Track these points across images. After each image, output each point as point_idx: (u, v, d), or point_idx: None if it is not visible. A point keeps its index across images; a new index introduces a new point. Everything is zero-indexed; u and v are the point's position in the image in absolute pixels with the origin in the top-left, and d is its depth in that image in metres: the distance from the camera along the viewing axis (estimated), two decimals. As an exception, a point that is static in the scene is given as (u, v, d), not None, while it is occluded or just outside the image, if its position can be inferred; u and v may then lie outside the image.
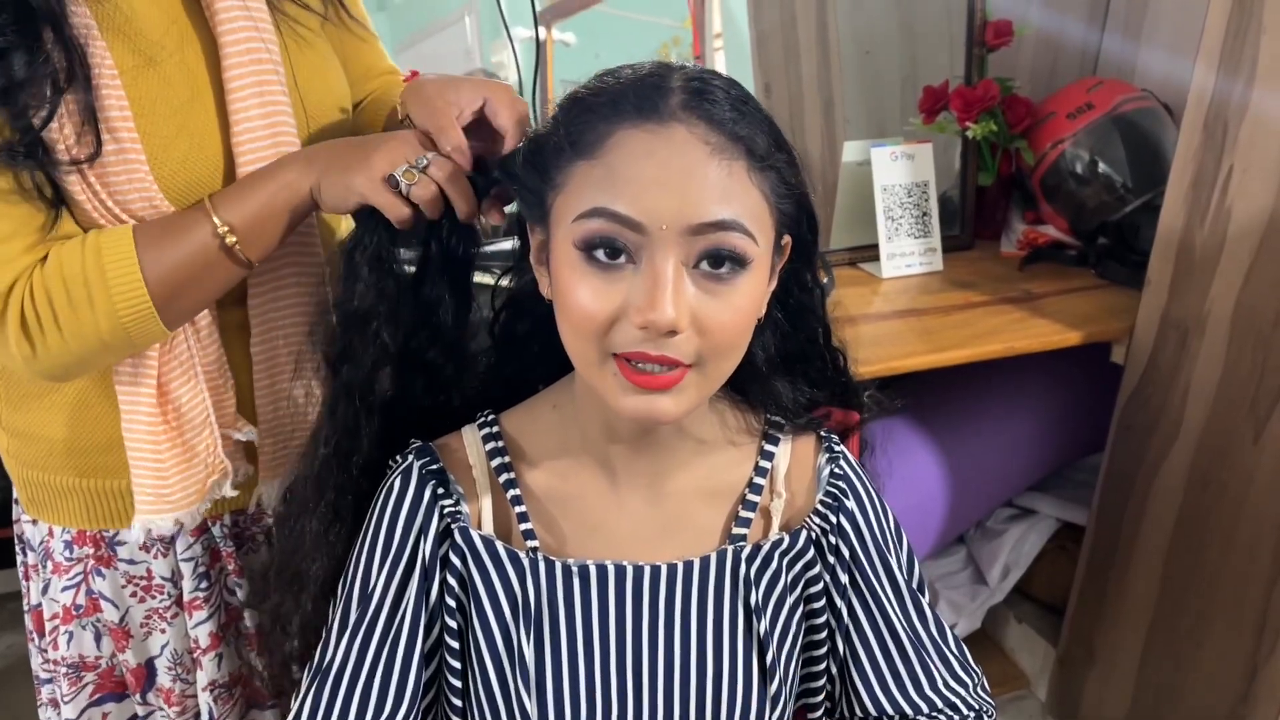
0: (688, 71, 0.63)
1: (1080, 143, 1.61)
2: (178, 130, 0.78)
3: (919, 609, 0.79)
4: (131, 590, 0.91)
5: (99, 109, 0.73)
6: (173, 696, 0.95)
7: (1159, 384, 1.37)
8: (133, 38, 0.76)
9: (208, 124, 0.80)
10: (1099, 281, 1.58)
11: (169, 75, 0.78)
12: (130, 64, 0.76)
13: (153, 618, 0.92)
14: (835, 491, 0.77)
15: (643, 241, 0.59)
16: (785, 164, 0.64)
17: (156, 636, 0.93)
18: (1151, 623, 1.45)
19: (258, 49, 0.80)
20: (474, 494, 0.74)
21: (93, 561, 0.91)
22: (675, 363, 0.61)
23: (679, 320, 0.59)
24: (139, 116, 0.75)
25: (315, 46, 0.87)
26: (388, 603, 0.71)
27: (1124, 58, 1.79)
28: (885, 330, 1.38)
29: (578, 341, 0.63)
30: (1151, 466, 1.40)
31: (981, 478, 1.63)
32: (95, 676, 0.94)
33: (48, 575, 0.93)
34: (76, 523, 0.90)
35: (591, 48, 3.12)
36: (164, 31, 0.78)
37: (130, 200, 0.76)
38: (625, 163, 0.60)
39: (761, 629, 0.73)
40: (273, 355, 0.88)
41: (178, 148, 0.78)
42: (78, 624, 0.92)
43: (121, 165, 0.75)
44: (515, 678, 0.70)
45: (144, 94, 0.76)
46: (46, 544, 0.92)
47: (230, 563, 0.93)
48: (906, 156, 1.60)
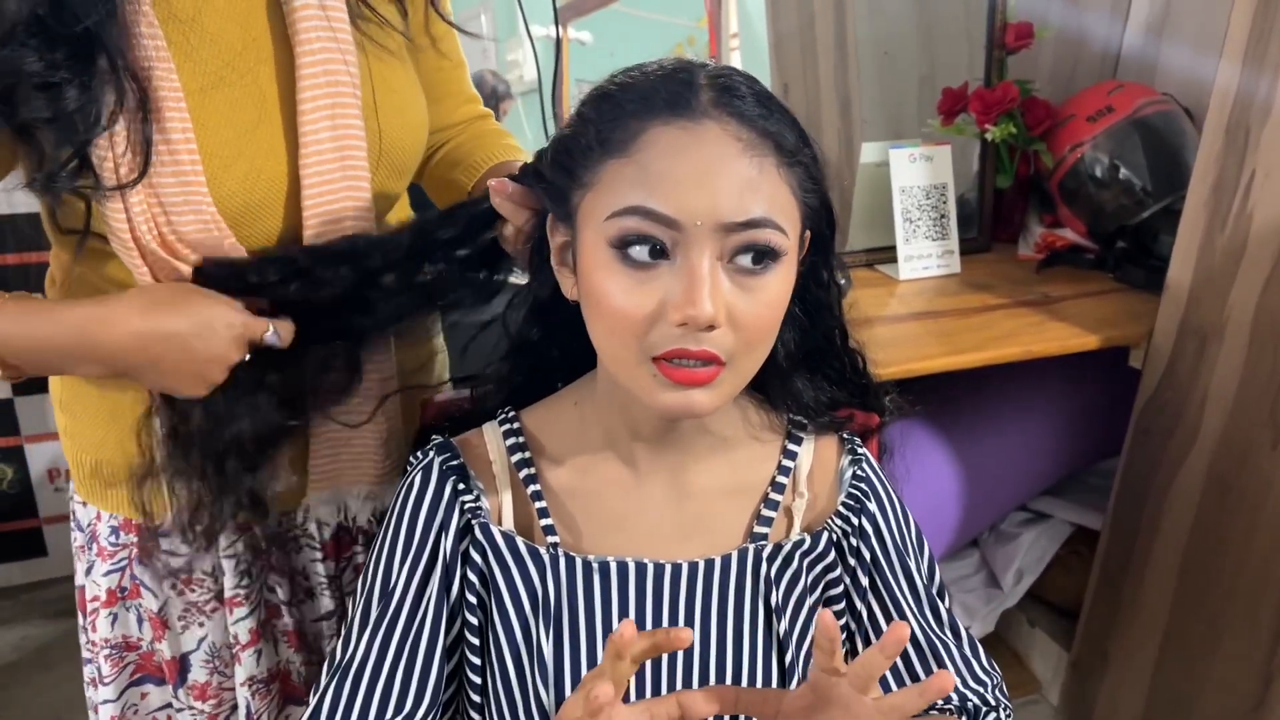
0: (711, 68, 0.63)
1: (1100, 146, 1.61)
2: (239, 153, 0.77)
3: (936, 613, 0.79)
4: (172, 582, 0.92)
5: (160, 130, 0.72)
6: (209, 690, 0.95)
7: (1177, 389, 1.36)
8: (204, 59, 0.75)
9: (273, 145, 0.79)
10: (1117, 285, 1.57)
11: (237, 97, 0.77)
12: (198, 85, 0.75)
13: (191, 611, 0.93)
14: (857, 494, 0.77)
15: (678, 238, 0.60)
16: (810, 159, 0.64)
17: (194, 630, 0.93)
18: (1166, 628, 1.45)
19: (337, 69, 0.79)
20: (494, 490, 0.74)
21: (135, 550, 0.91)
22: (714, 358, 0.61)
23: (717, 315, 0.59)
24: (202, 139, 0.74)
25: (396, 67, 0.85)
26: (409, 599, 0.71)
27: (1145, 61, 1.78)
28: (902, 332, 1.38)
29: (614, 343, 0.63)
30: (1169, 472, 1.39)
31: (996, 481, 1.62)
32: (136, 657, 0.95)
33: (92, 557, 0.93)
34: (124, 510, 0.90)
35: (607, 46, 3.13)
36: (240, 51, 0.77)
37: (184, 222, 0.75)
38: (658, 160, 0.60)
39: (781, 629, 0.73)
40: None
41: (238, 168, 0.77)
42: (121, 606, 0.93)
43: (179, 187, 0.74)
44: (534, 673, 0.70)
45: (209, 115, 0.75)
46: (94, 527, 0.93)
47: (272, 560, 0.93)
48: (925, 158, 1.60)
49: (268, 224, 0.80)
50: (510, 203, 0.72)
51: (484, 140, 1.01)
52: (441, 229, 0.80)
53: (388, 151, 0.85)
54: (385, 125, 0.84)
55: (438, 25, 0.94)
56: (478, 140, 1.01)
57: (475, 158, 0.98)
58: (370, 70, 0.83)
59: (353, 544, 0.96)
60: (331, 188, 0.80)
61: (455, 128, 1.03)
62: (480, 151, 0.99)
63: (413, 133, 0.89)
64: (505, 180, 0.72)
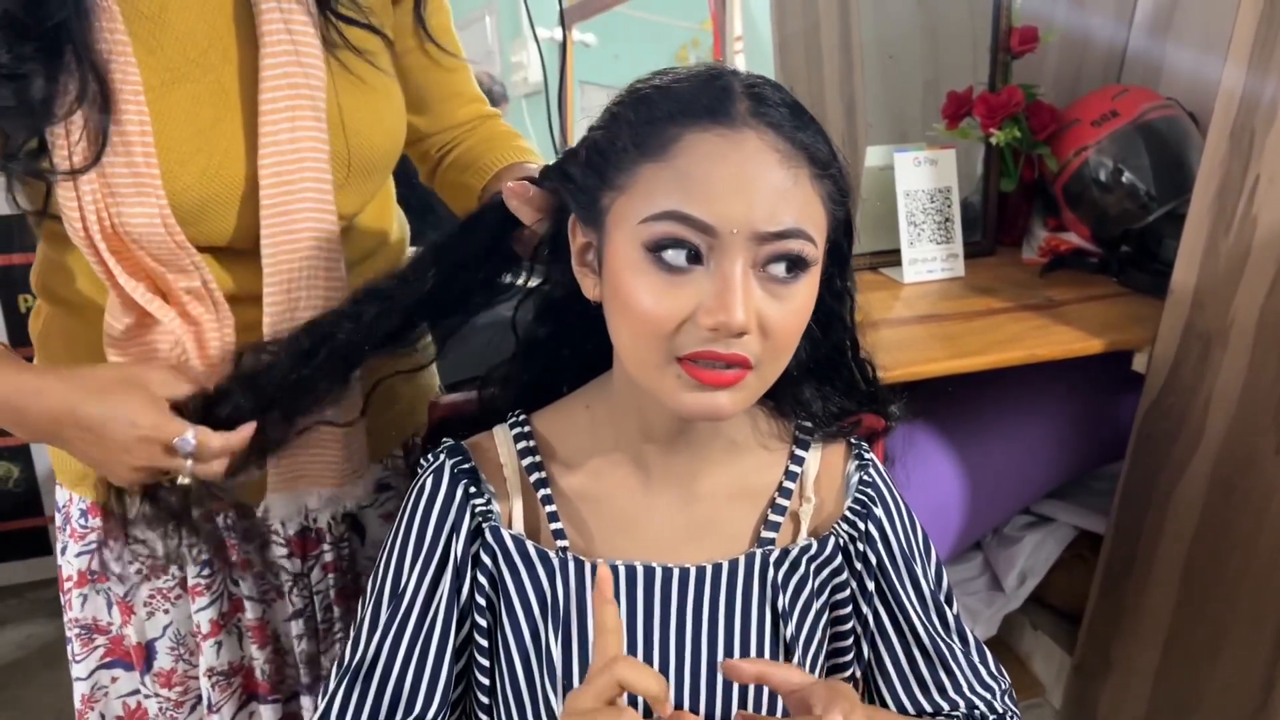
0: (745, 76, 0.64)
1: (1104, 150, 1.61)
2: (197, 149, 0.78)
3: (943, 618, 0.79)
4: (138, 568, 0.93)
5: (117, 122, 0.74)
6: (174, 678, 0.96)
7: (1181, 393, 1.36)
8: (168, 54, 0.77)
9: (232, 143, 0.80)
10: (1121, 289, 1.57)
11: (198, 93, 0.78)
12: (159, 80, 0.76)
13: (156, 598, 0.94)
14: (864, 499, 0.78)
15: (713, 244, 0.60)
16: (839, 172, 0.65)
17: (159, 617, 0.94)
18: (1169, 632, 1.45)
19: (299, 70, 0.79)
20: (505, 493, 0.74)
21: (102, 533, 0.93)
22: (743, 361, 0.61)
23: (749, 322, 0.60)
24: (159, 133, 0.76)
25: (364, 72, 0.86)
26: (419, 601, 0.71)
27: (1149, 65, 1.78)
28: (906, 335, 1.38)
29: (640, 344, 0.63)
30: (1172, 476, 1.39)
31: (999, 484, 1.62)
32: (106, 641, 0.96)
33: (66, 539, 0.95)
34: (91, 494, 0.92)
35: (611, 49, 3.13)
36: (205, 49, 0.79)
37: (132, 216, 0.76)
38: (697, 166, 0.60)
39: (788, 633, 0.73)
40: None
41: (196, 164, 0.78)
42: (92, 588, 0.94)
43: (131, 178, 0.75)
44: (543, 676, 0.71)
45: (169, 110, 0.77)
46: (67, 508, 0.95)
47: (234, 554, 0.94)
48: (930, 162, 1.60)
49: (223, 222, 0.81)
50: (528, 206, 0.73)
51: (494, 142, 1.01)
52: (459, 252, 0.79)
53: (355, 152, 0.86)
54: (353, 127, 0.85)
55: (433, 27, 0.94)
56: (488, 143, 1.01)
57: (485, 160, 0.99)
58: (338, 72, 0.83)
59: (319, 543, 0.96)
60: (289, 188, 0.81)
61: (460, 128, 1.03)
62: (490, 154, 0.99)
63: (384, 135, 0.89)
64: (526, 183, 0.73)
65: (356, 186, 0.88)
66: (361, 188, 0.89)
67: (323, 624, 0.97)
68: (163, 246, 0.78)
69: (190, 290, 0.81)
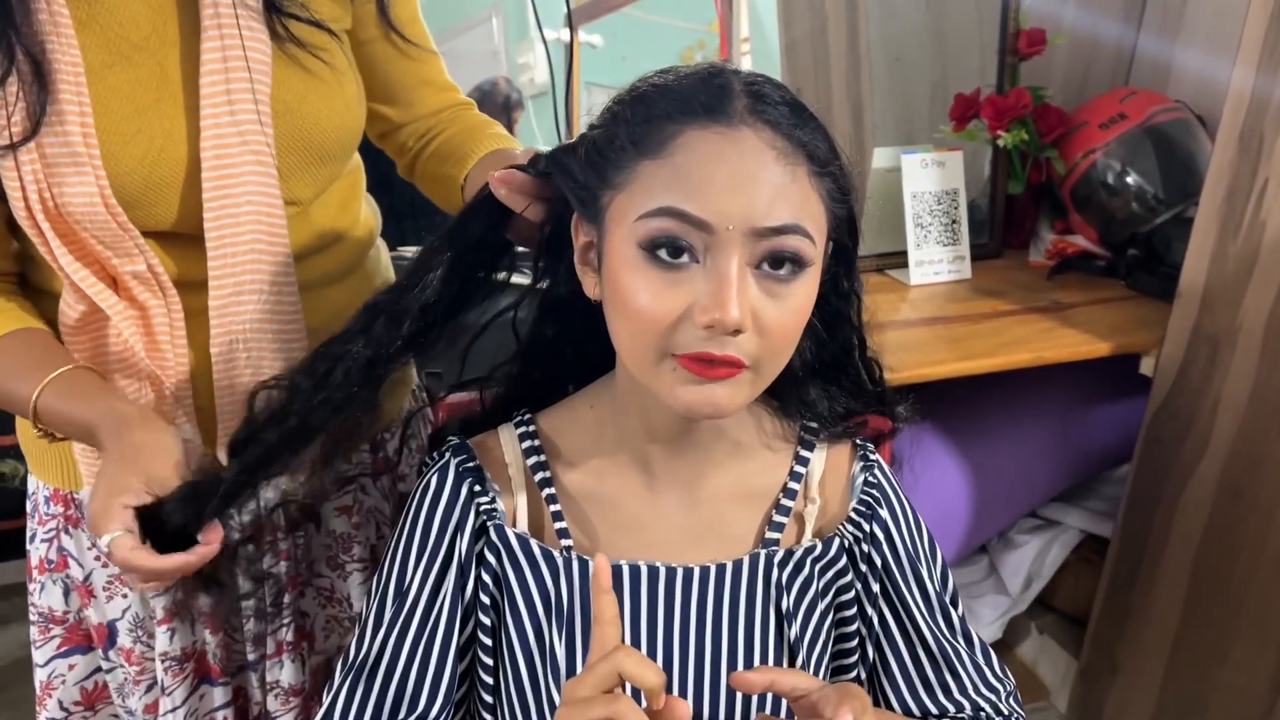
0: (745, 74, 0.63)
1: (1112, 153, 1.61)
2: (138, 130, 0.79)
3: (949, 620, 0.79)
4: (95, 554, 0.93)
5: (54, 100, 0.74)
6: (133, 656, 0.96)
7: (1189, 397, 1.36)
8: (110, 37, 0.78)
9: (174, 127, 0.80)
10: (1128, 292, 1.57)
11: (140, 77, 0.79)
12: (101, 61, 0.77)
13: (114, 584, 0.94)
14: (869, 500, 0.77)
15: (709, 241, 0.60)
16: (840, 170, 0.64)
17: (118, 600, 0.95)
18: (1176, 636, 1.44)
19: (235, 61, 0.80)
20: (509, 492, 0.74)
21: (63, 520, 0.94)
22: (737, 362, 0.61)
23: (744, 320, 0.59)
24: (99, 113, 0.77)
25: (319, 74, 0.86)
26: (424, 598, 0.71)
27: (1158, 68, 1.78)
28: (912, 337, 1.38)
29: (636, 341, 0.63)
30: (1180, 479, 1.39)
31: (1005, 487, 1.62)
32: (63, 630, 0.97)
33: (35, 525, 0.96)
34: (51, 480, 0.93)
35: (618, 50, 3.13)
36: (148, 33, 0.79)
37: (72, 197, 0.76)
38: (694, 163, 0.60)
39: (792, 634, 0.73)
40: (231, 356, 0.87)
41: (137, 146, 0.79)
42: (49, 577, 0.95)
43: (68, 157, 0.76)
44: (547, 675, 0.71)
45: (109, 91, 0.78)
46: (35, 496, 0.96)
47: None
48: (937, 164, 1.60)
49: (167, 205, 0.81)
50: (518, 194, 0.72)
51: (473, 132, 1.01)
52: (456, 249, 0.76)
53: (305, 139, 0.86)
54: (302, 113, 0.85)
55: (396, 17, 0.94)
56: (466, 133, 1.01)
57: (464, 149, 0.99)
58: (286, 62, 0.84)
59: (274, 529, 0.95)
60: (230, 171, 0.81)
61: (434, 118, 1.03)
62: (469, 143, 0.99)
63: (334, 119, 0.89)
64: (514, 171, 0.72)
65: (309, 173, 0.88)
66: (314, 174, 0.89)
67: (271, 607, 0.98)
68: (105, 228, 0.78)
69: (137, 275, 0.82)
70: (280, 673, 0.99)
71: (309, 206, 0.91)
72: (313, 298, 0.90)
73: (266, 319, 0.86)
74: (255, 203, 0.83)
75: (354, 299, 0.96)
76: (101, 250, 0.80)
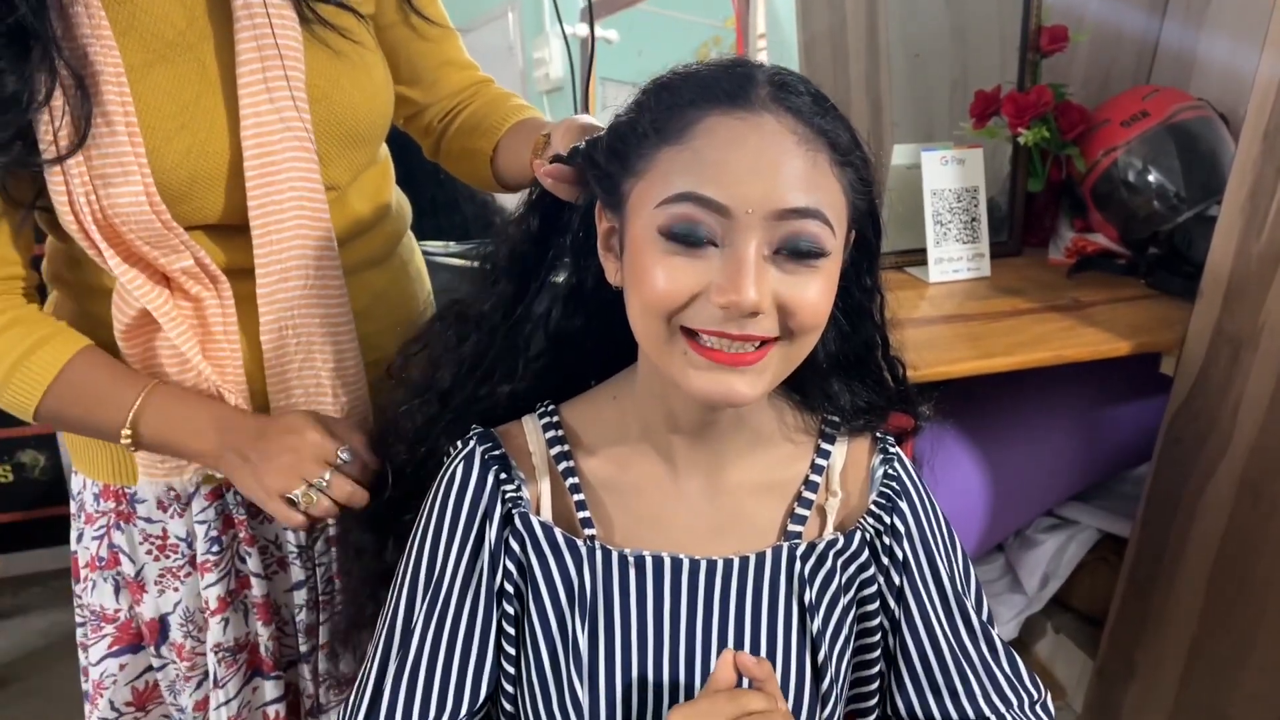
0: (768, 67, 0.64)
1: (1134, 151, 1.59)
2: (181, 126, 0.80)
3: (967, 621, 0.78)
4: (148, 548, 0.95)
5: (99, 105, 0.75)
6: (184, 651, 0.98)
7: (1210, 397, 1.35)
8: (147, 36, 0.79)
9: (216, 120, 0.81)
10: (1148, 291, 1.56)
11: (179, 73, 0.80)
12: (140, 60, 0.78)
13: (166, 576, 0.96)
14: (889, 492, 0.77)
15: (727, 225, 0.60)
16: (862, 162, 0.65)
17: (170, 594, 0.96)
18: (1195, 638, 1.43)
19: (274, 43, 0.81)
20: (533, 481, 0.75)
21: (114, 516, 0.95)
22: (760, 339, 0.61)
23: (761, 302, 0.60)
24: (142, 112, 0.77)
25: (341, 45, 0.87)
26: (457, 588, 0.71)
27: (1180, 66, 1.76)
28: (931, 335, 1.38)
29: (647, 318, 0.64)
30: (1200, 480, 1.38)
31: (1022, 486, 1.61)
32: (114, 629, 0.98)
33: (81, 525, 0.97)
34: (103, 476, 0.94)
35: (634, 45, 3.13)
36: (183, 28, 0.80)
37: (119, 194, 0.77)
38: (714, 148, 0.60)
39: (814, 627, 0.73)
40: (282, 340, 0.88)
41: (180, 141, 0.80)
42: (100, 574, 0.96)
43: (116, 160, 0.76)
44: (569, 664, 0.71)
45: (151, 90, 0.78)
46: (82, 494, 0.97)
47: (242, 530, 0.95)
48: (957, 161, 1.59)
49: (212, 198, 0.83)
50: (564, 184, 0.73)
51: (495, 104, 1.02)
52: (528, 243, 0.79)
53: (339, 123, 0.87)
54: (334, 97, 0.86)
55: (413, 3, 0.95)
56: (490, 105, 1.02)
57: (489, 122, 1.00)
58: (316, 45, 0.85)
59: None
60: (273, 160, 0.82)
61: (456, 96, 1.04)
62: (494, 115, 1.01)
63: (367, 102, 0.90)
64: (557, 166, 0.73)
65: (345, 157, 0.90)
66: (350, 158, 0.90)
67: (323, 595, 0.99)
68: (149, 227, 0.79)
69: (186, 270, 0.83)
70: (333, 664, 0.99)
71: (346, 192, 0.92)
72: (354, 281, 0.92)
73: (313, 302, 0.87)
74: (298, 188, 0.84)
75: (392, 283, 0.99)
76: (148, 250, 0.81)
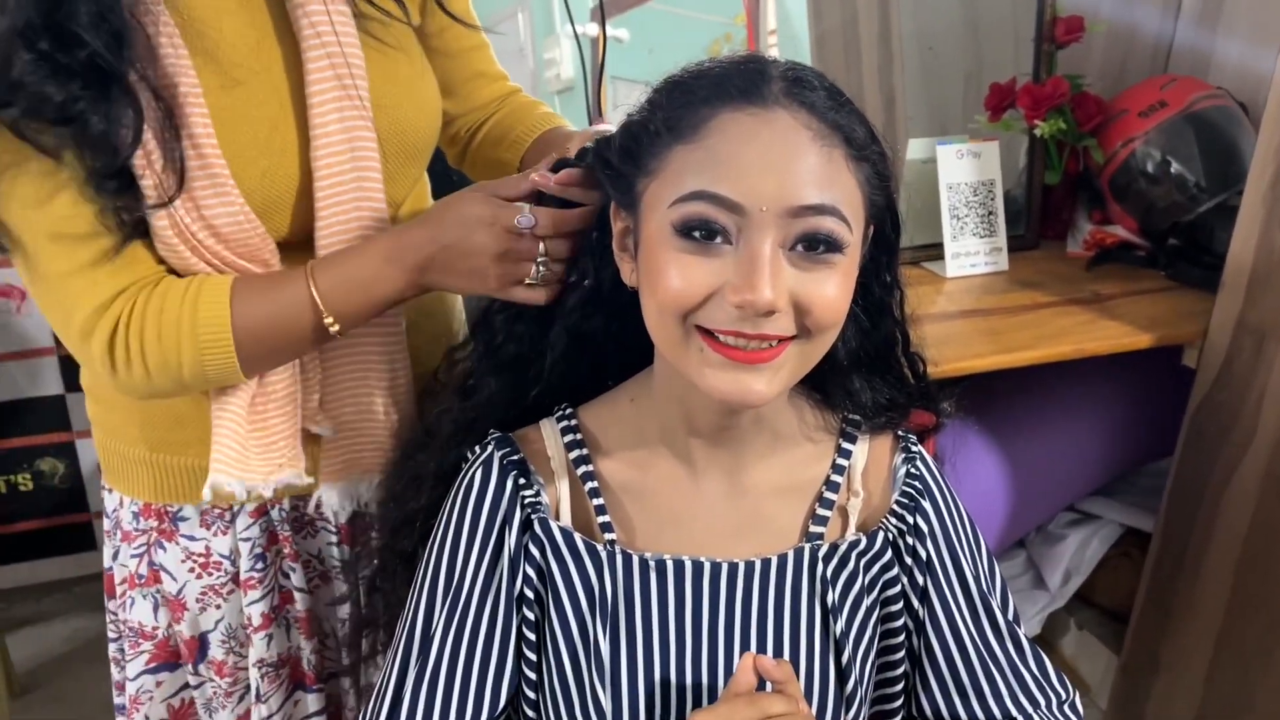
0: (782, 62, 0.63)
1: (1152, 141, 1.58)
2: (262, 148, 0.79)
3: (992, 620, 0.77)
4: (190, 566, 0.94)
5: (189, 137, 0.74)
6: (225, 668, 0.97)
7: (1233, 389, 1.33)
8: (220, 59, 0.77)
9: (289, 140, 0.81)
10: (1169, 283, 1.54)
11: (255, 93, 0.79)
12: (216, 84, 0.77)
13: (208, 594, 0.95)
14: (911, 492, 0.76)
15: (741, 223, 0.60)
16: (879, 156, 0.64)
17: (211, 612, 0.96)
18: (1220, 633, 1.42)
19: (340, 61, 0.80)
20: (552, 485, 0.74)
21: (156, 534, 0.94)
22: (776, 337, 0.61)
23: (776, 300, 0.59)
24: (223, 136, 0.76)
25: (399, 60, 0.87)
26: (476, 595, 0.71)
27: (1198, 54, 1.74)
28: (950, 330, 1.37)
29: (662, 318, 0.63)
30: (1224, 473, 1.36)
31: (1043, 481, 1.60)
32: (152, 646, 0.98)
33: (118, 542, 0.97)
34: (144, 495, 0.93)
35: (644, 44, 3.12)
36: (252, 50, 0.79)
37: (217, 217, 0.77)
38: (727, 145, 0.60)
39: (838, 629, 0.72)
40: (337, 362, 0.89)
41: (259, 164, 0.79)
42: (139, 591, 0.96)
43: (209, 183, 0.76)
44: (590, 670, 0.70)
45: (229, 113, 0.77)
46: (118, 512, 0.96)
47: (287, 546, 0.95)
48: (973, 154, 1.58)
49: (282, 219, 0.82)
50: (578, 188, 0.73)
51: (521, 113, 1.02)
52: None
53: (397, 137, 0.86)
54: (392, 112, 0.85)
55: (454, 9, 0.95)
56: (515, 115, 1.02)
57: (516, 132, 0.99)
58: (374, 58, 0.84)
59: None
60: (342, 179, 0.81)
61: (487, 107, 1.04)
62: (520, 125, 1.00)
63: (422, 116, 0.90)
64: (570, 172, 0.73)
65: (403, 172, 0.89)
66: (406, 173, 0.90)
67: (366, 609, 0.97)
68: (247, 243, 0.79)
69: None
70: (376, 675, 0.99)
71: (399, 209, 0.92)
72: None
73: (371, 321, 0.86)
74: (362, 208, 0.83)
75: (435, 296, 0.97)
76: (240, 263, 0.80)
